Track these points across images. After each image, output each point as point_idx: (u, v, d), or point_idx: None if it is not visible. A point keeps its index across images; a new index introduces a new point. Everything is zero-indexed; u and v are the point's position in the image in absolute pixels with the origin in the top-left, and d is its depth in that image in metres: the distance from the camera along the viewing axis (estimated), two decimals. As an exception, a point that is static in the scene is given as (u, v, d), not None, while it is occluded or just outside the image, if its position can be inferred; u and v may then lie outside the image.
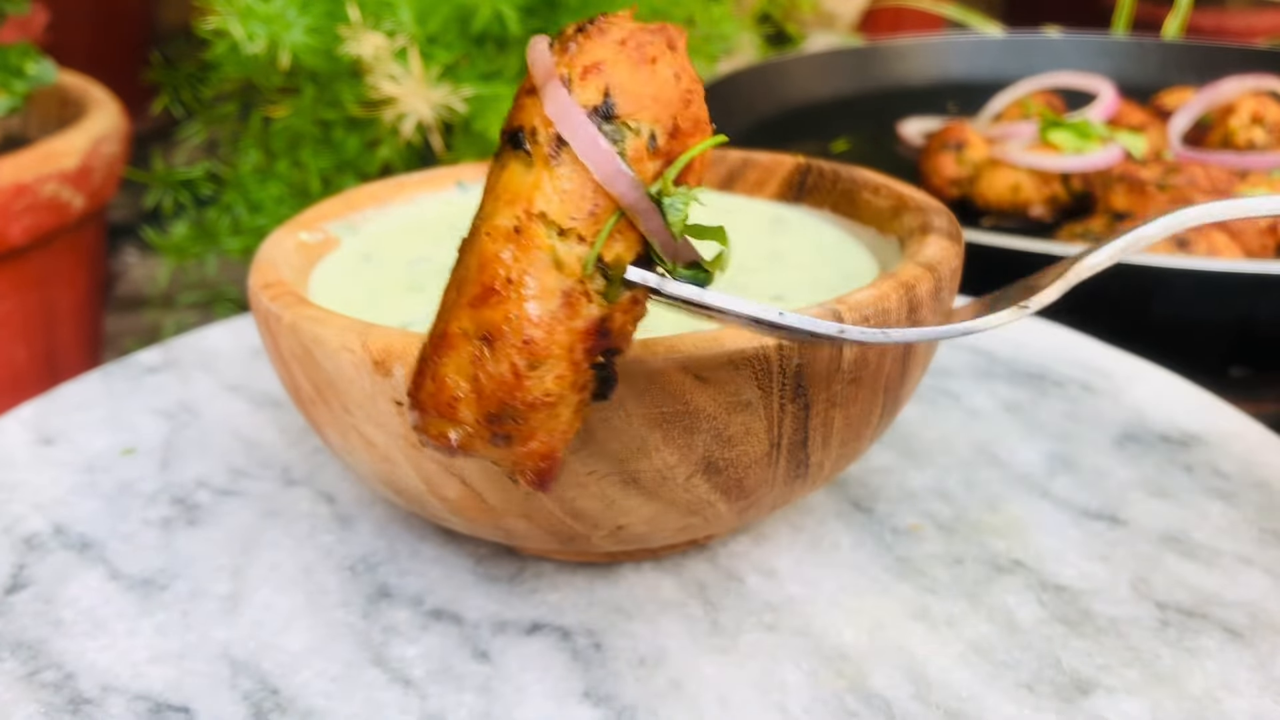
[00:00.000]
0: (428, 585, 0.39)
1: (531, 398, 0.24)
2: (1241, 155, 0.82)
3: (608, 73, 0.25)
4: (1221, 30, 1.78)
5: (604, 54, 0.25)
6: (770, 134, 1.01)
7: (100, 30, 1.65)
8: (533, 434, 0.25)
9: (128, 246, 1.49)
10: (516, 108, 0.26)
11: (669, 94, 0.26)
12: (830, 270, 0.40)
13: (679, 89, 0.26)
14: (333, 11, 0.78)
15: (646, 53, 0.25)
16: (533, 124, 0.25)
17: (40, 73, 0.85)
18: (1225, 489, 0.44)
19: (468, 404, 0.25)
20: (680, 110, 0.26)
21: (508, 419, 0.25)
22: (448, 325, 0.25)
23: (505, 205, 0.25)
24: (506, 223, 0.24)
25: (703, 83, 0.27)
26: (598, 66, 0.25)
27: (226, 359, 0.55)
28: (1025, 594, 0.38)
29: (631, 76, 0.25)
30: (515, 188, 0.25)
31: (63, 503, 0.44)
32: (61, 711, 0.34)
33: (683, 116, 0.26)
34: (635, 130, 0.25)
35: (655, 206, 0.25)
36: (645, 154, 0.25)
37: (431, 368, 0.25)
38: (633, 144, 0.25)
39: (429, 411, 0.25)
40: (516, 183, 0.25)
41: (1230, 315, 0.64)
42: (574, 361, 0.25)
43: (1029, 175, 0.81)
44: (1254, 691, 0.34)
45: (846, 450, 0.35)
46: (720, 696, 0.34)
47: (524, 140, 0.25)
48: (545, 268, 0.24)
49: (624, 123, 0.25)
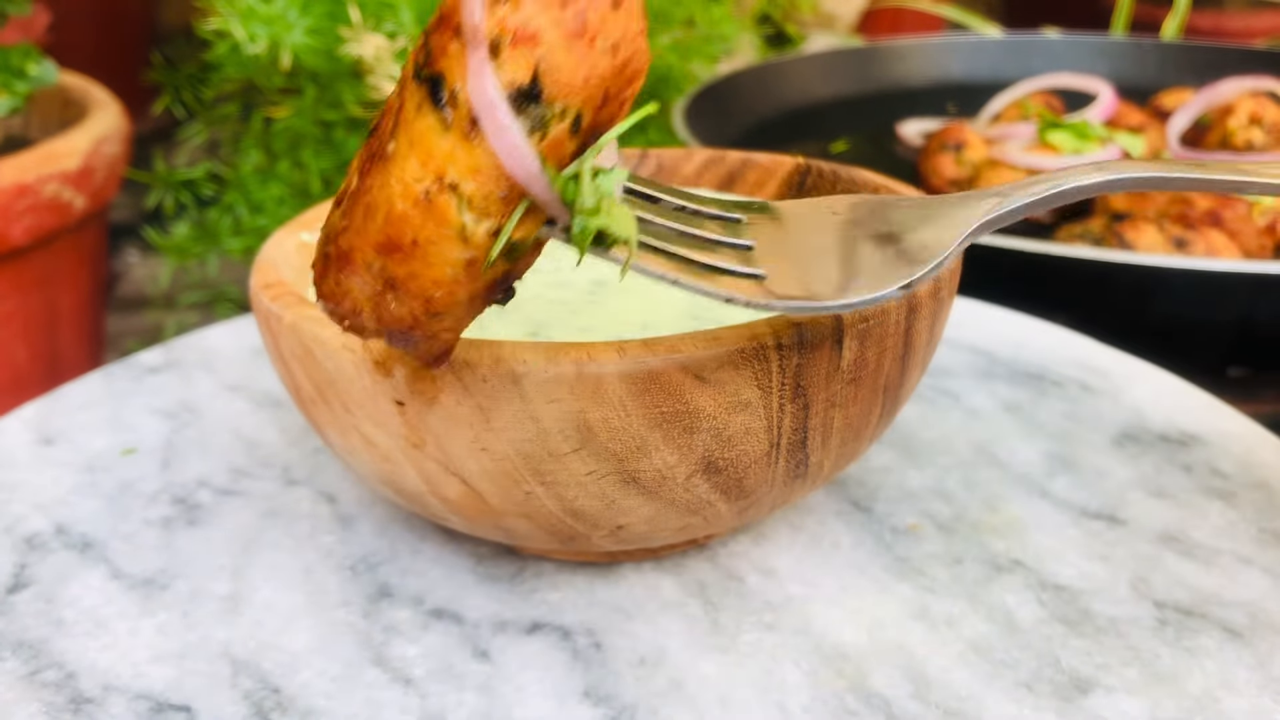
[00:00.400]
0: (428, 585, 0.39)
1: (430, 332, 0.26)
2: (1240, 156, 0.83)
3: (541, 48, 0.23)
4: (1220, 31, 1.78)
5: (540, 21, 0.23)
6: (770, 135, 1.01)
7: (102, 31, 1.65)
8: (430, 345, 0.27)
9: (129, 247, 1.49)
10: (438, 48, 0.24)
11: (603, 69, 0.24)
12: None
13: (615, 61, 0.24)
14: (334, 12, 0.79)
15: (587, 23, 0.23)
16: (453, 85, 0.24)
17: (42, 73, 0.85)
18: (1224, 489, 0.44)
19: (369, 318, 0.26)
20: (613, 81, 0.24)
21: (407, 338, 0.26)
22: (353, 246, 0.25)
23: (418, 160, 0.24)
24: (417, 184, 0.24)
25: (644, 33, 0.25)
26: (532, 38, 0.23)
27: (228, 359, 0.55)
28: (1024, 593, 0.38)
29: (566, 56, 0.23)
30: (429, 145, 0.24)
31: (64, 503, 0.44)
32: (62, 711, 0.34)
33: (614, 84, 0.24)
34: (560, 114, 0.24)
35: (567, 207, 0.25)
36: (566, 137, 0.24)
37: (334, 274, 0.26)
38: (555, 130, 0.24)
39: (331, 303, 0.26)
40: (431, 140, 0.24)
41: (1229, 316, 0.64)
42: (473, 307, 0.26)
43: (1028, 176, 0.81)
44: (1253, 691, 0.34)
45: (846, 450, 0.35)
46: (720, 696, 0.34)
47: (443, 99, 0.24)
48: (452, 239, 0.24)
49: (549, 105, 0.24)
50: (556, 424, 0.30)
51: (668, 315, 0.37)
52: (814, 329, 0.31)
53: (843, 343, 0.31)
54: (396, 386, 0.31)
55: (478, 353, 0.30)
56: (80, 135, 0.86)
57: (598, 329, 0.36)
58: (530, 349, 0.30)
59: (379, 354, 0.31)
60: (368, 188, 0.25)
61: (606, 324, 0.37)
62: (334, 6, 0.78)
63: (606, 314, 0.37)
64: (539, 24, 0.23)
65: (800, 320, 0.31)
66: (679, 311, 0.37)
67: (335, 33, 0.78)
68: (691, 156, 0.48)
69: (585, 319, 0.37)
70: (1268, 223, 0.70)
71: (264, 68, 0.82)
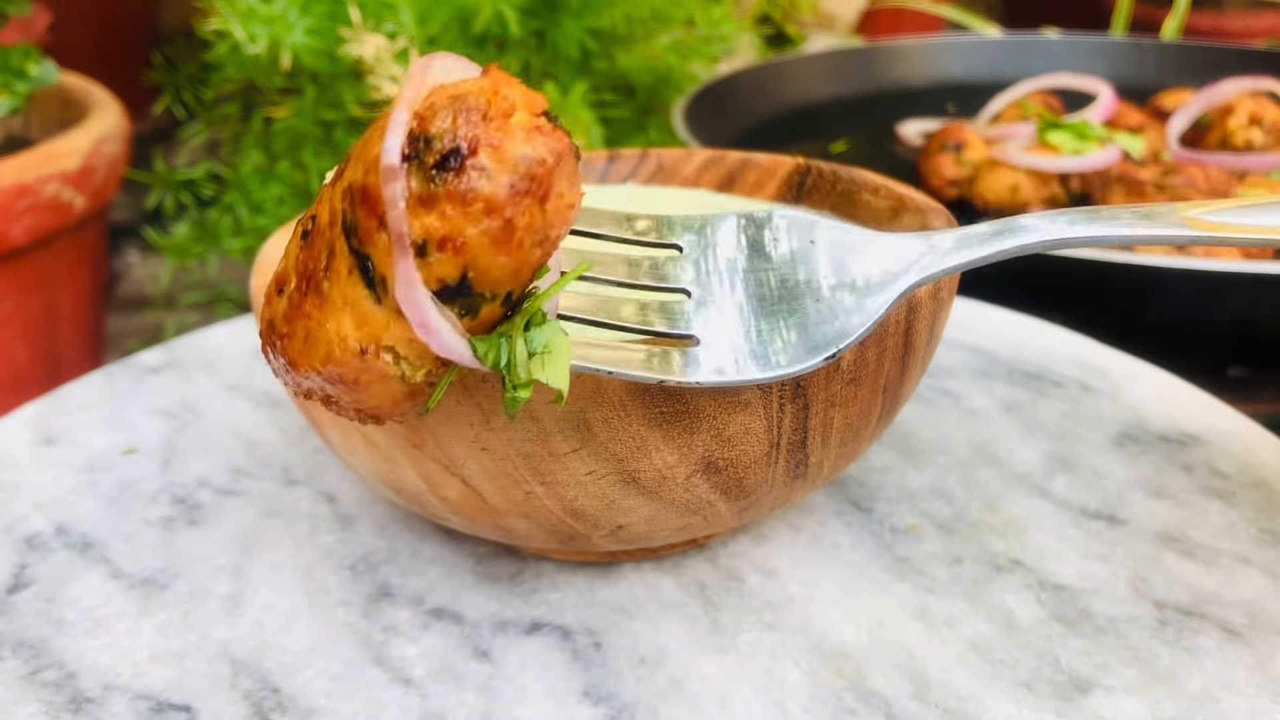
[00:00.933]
0: (428, 585, 0.39)
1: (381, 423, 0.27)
2: (1239, 156, 0.83)
3: (468, 253, 0.23)
4: (1219, 31, 1.78)
5: (467, 231, 0.23)
6: (769, 135, 1.01)
7: (102, 31, 1.65)
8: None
9: (129, 247, 1.49)
10: (366, 229, 0.23)
11: (534, 260, 0.24)
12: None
13: (545, 250, 0.24)
14: (334, 13, 0.79)
15: (514, 228, 0.23)
16: (382, 272, 0.23)
17: (42, 74, 0.85)
18: (1224, 489, 0.44)
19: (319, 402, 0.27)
20: (546, 258, 0.24)
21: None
22: (297, 359, 0.25)
23: (353, 321, 0.24)
24: (354, 341, 0.24)
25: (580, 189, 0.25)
26: (459, 247, 0.23)
27: (228, 359, 0.55)
28: (1024, 593, 0.38)
29: (494, 259, 0.23)
30: (362, 311, 0.24)
31: (64, 502, 0.44)
32: (63, 710, 0.34)
33: (546, 257, 0.24)
34: (490, 298, 0.24)
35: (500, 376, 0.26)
36: (498, 312, 0.25)
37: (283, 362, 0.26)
38: (486, 311, 0.24)
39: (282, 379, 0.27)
40: (364, 307, 0.24)
41: (1229, 316, 0.64)
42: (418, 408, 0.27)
43: (1028, 176, 0.81)
44: (1252, 691, 0.34)
45: (846, 450, 0.35)
46: (720, 695, 0.34)
47: (373, 280, 0.24)
48: (391, 382, 0.25)
49: (479, 295, 0.24)
50: (556, 424, 0.30)
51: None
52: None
53: (842, 343, 0.31)
54: (397, 386, 0.31)
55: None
56: (80, 135, 0.86)
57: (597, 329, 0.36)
58: (530, 349, 0.30)
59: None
60: (307, 315, 0.25)
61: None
62: (334, 7, 0.78)
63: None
64: (465, 234, 0.23)
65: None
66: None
67: (335, 33, 0.78)
68: (691, 157, 0.48)
69: (585, 319, 0.37)
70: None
71: (264, 68, 0.83)
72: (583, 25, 0.84)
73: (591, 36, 0.85)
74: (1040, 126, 0.83)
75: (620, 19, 0.85)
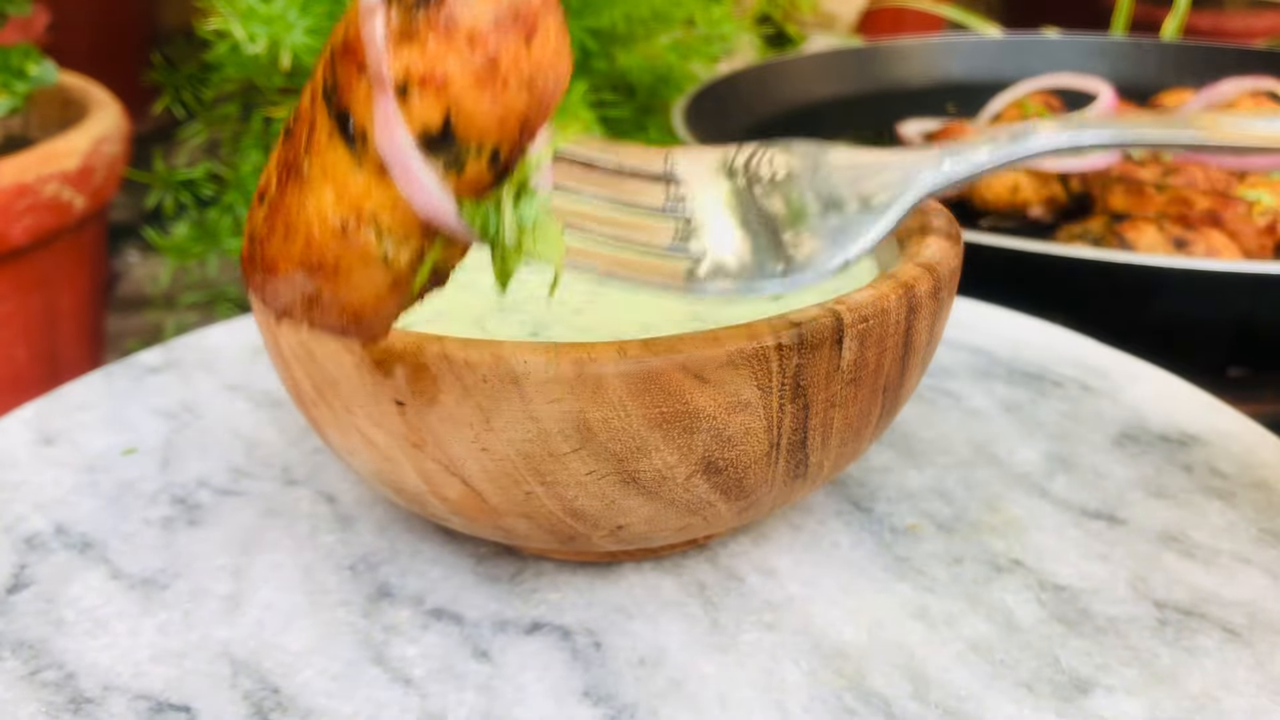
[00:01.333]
0: (428, 585, 0.39)
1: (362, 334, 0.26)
2: (1240, 156, 0.83)
3: (451, 92, 0.22)
4: (1220, 31, 1.78)
5: (449, 65, 0.22)
6: (770, 134, 1.01)
7: (101, 31, 1.65)
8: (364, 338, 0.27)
9: (129, 247, 1.49)
10: (345, 81, 0.23)
11: (520, 106, 0.23)
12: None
13: (532, 97, 0.23)
14: (333, 12, 0.79)
15: (499, 65, 0.22)
16: (362, 125, 0.22)
17: (41, 73, 0.85)
18: (1224, 489, 0.44)
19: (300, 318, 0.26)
20: (533, 112, 0.23)
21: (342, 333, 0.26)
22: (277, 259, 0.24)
23: (334, 191, 0.23)
24: (334, 216, 0.23)
25: (570, 58, 0.23)
26: (441, 84, 0.22)
27: (228, 359, 0.55)
28: (1024, 593, 0.38)
29: (478, 100, 0.22)
30: (343, 178, 0.23)
31: (64, 503, 0.44)
32: (63, 710, 0.34)
33: (534, 114, 0.23)
34: (476, 152, 0.23)
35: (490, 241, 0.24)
36: (485, 171, 0.23)
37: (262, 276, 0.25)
38: (472, 167, 0.23)
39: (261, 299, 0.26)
40: (344, 173, 0.23)
41: (1229, 316, 0.64)
42: (403, 309, 0.26)
43: (1028, 176, 0.81)
44: (1252, 690, 0.34)
45: (846, 450, 0.35)
46: (720, 695, 0.34)
47: (353, 136, 0.23)
48: (375, 265, 0.24)
49: (463, 146, 0.23)
50: (556, 424, 0.30)
51: (668, 315, 0.37)
52: (814, 329, 0.31)
53: (842, 343, 0.31)
54: (397, 386, 0.31)
55: (478, 353, 0.30)
56: (80, 135, 0.86)
57: (598, 329, 0.37)
58: (530, 349, 0.30)
59: (379, 354, 0.31)
60: (287, 205, 0.24)
61: (606, 324, 0.37)
62: (334, 6, 0.78)
63: (606, 314, 0.37)
64: (447, 68, 0.22)
65: (800, 320, 0.31)
66: (679, 312, 0.37)
67: (335, 33, 0.78)
68: (691, 156, 0.48)
69: (585, 319, 0.37)
70: (1268, 222, 0.70)
71: (264, 68, 0.82)
72: (583, 25, 0.84)
73: (591, 36, 0.86)
74: (1040, 126, 0.83)
75: (620, 19, 0.85)
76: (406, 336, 0.31)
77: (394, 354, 0.30)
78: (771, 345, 0.30)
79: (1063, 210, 0.82)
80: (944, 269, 0.35)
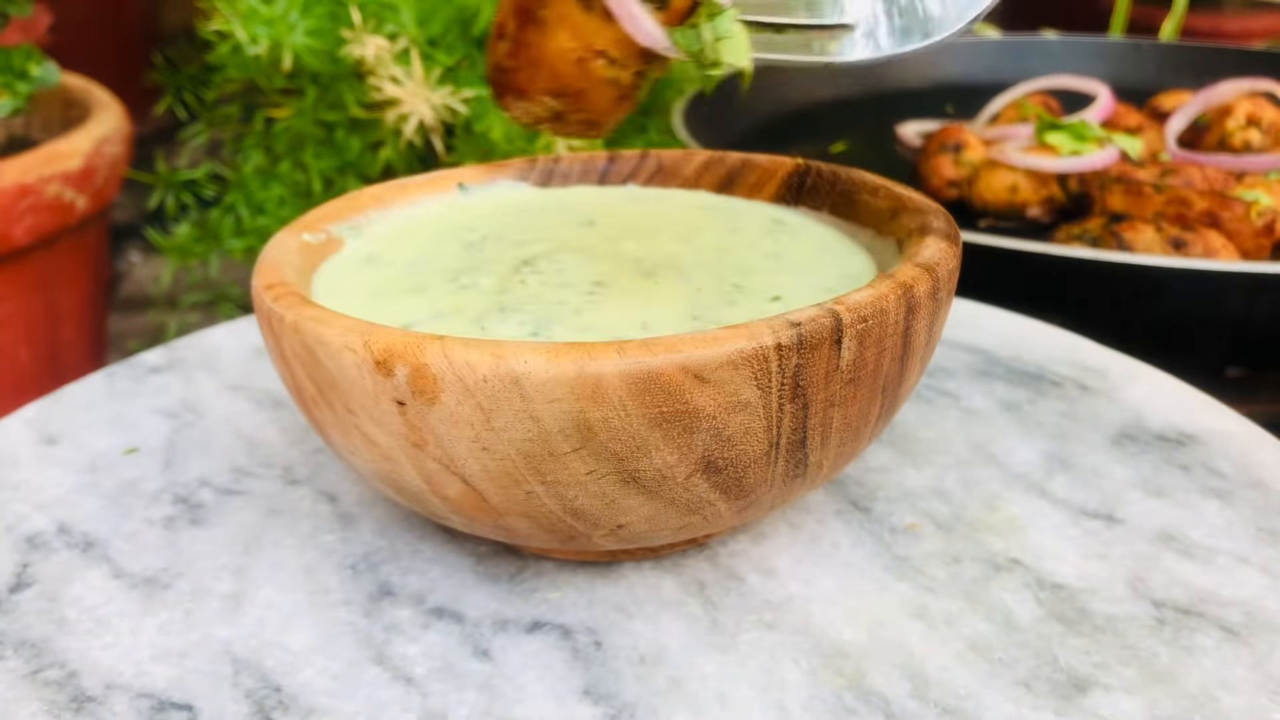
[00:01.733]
0: (429, 584, 0.39)
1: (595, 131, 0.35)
2: (1238, 157, 0.83)
3: None
4: (1217, 32, 1.78)
5: None
6: (769, 135, 1.01)
7: (103, 32, 1.66)
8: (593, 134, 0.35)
9: (131, 247, 1.50)
10: None
11: None
12: (829, 271, 0.40)
13: None
14: (335, 14, 0.79)
15: None
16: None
17: (43, 74, 0.86)
18: (1222, 488, 0.44)
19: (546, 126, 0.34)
20: None
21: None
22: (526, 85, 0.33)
23: (569, 33, 0.31)
24: (571, 52, 0.31)
25: None
26: None
27: (229, 359, 0.55)
28: (1023, 592, 0.38)
29: None
30: (576, 22, 0.31)
31: (66, 502, 0.44)
32: (64, 709, 0.34)
33: None
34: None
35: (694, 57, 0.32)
36: (685, 5, 0.31)
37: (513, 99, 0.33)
38: (676, 2, 0.30)
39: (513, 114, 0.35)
40: (576, 18, 0.31)
41: (1227, 316, 0.64)
42: (629, 111, 0.34)
43: (1026, 177, 0.81)
44: (1250, 689, 0.34)
45: (845, 450, 0.35)
46: (720, 694, 0.34)
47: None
48: (606, 86, 0.32)
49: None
50: (556, 424, 0.30)
51: (668, 315, 0.37)
52: (813, 329, 0.31)
53: (841, 343, 0.31)
54: (398, 387, 0.31)
55: (478, 353, 0.30)
56: (82, 136, 0.86)
57: (598, 329, 0.37)
58: (530, 349, 0.30)
59: (380, 354, 0.31)
60: (530, 42, 0.32)
61: (606, 324, 0.37)
62: (335, 8, 0.79)
63: (606, 314, 0.38)
64: None
65: (799, 320, 0.31)
66: (679, 312, 0.37)
67: (336, 34, 0.78)
68: (691, 158, 0.48)
69: (585, 319, 0.37)
70: (1265, 223, 0.70)
71: (265, 69, 0.83)
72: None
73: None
74: (1039, 127, 0.83)
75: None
76: (408, 337, 0.31)
77: (396, 354, 0.31)
78: (771, 345, 0.30)
79: (1061, 211, 0.82)
80: (942, 269, 0.35)
